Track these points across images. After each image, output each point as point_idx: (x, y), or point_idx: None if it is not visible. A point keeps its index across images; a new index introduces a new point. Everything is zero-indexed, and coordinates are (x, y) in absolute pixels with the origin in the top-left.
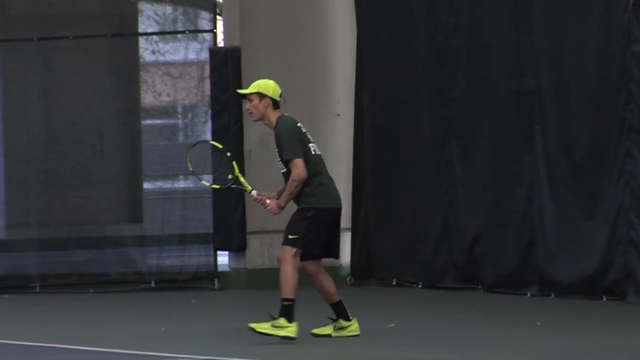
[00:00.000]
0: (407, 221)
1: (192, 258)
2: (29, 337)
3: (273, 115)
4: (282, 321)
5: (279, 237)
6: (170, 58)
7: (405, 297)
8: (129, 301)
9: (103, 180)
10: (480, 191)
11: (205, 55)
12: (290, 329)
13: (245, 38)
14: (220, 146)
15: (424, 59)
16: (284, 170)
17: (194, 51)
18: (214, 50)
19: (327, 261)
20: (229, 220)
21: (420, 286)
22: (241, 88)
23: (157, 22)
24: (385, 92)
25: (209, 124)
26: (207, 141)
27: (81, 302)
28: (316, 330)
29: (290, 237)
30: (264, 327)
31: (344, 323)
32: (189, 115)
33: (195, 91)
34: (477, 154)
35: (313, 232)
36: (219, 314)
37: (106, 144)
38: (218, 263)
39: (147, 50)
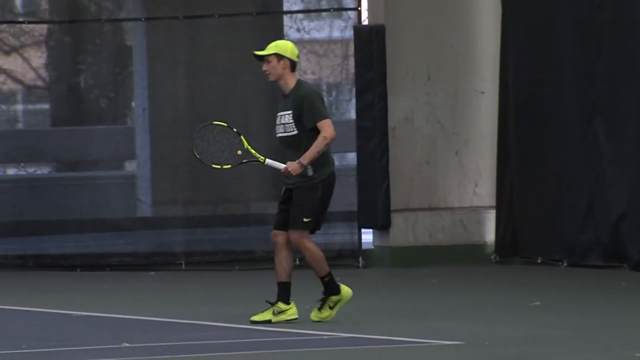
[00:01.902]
0: (552, 199)
1: (336, 236)
2: (175, 314)
3: (291, 78)
4: (334, 298)
5: (424, 215)
6: (315, 36)
7: (550, 275)
8: (273, 279)
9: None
10: (627, 168)
11: (349, 33)
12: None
13: (390, 16)
14: (224, 124)
15: (568, 35)
16: (289, 134)
17: (339, 29)
18: (359, 28)
19: (471, 239)
20: (373, 198)
21: (565, 264)
22: (385, 66)
23: (302, 0)
24: (529, 69)
25: (353, 101)
26: (210, 123)
27: (226, 280)
28: (255, 317)
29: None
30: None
31: (283, 306)
32: (334, 93)
33: (340, 69)
34: (624, 130)
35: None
36: (364, 291)
37: (251, 122)
38: (362, 241)
39: (291, 29)
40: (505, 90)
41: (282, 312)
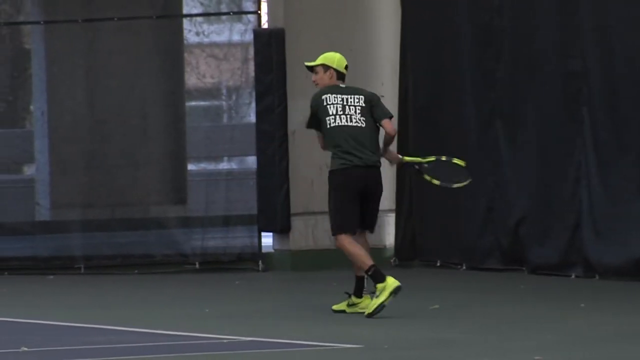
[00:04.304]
0: (452, 202)
1: (236, 239)
2: (73, 318)
3: None
4: (380, 286)
5: (323, 219)
6: (214, 39)
7: (449, 278)
8: (172, 282)
9: (147, 162)
10: (527, 172)
11: (249, 37)
12: (389, 284)
13: (289, 19)
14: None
15: (468, 40)
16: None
17: (238, 33)
18: (258, 32)
19: (371, 242)
20: (273, 202)
21: (464, 268)
22: (285, 70)
23: (201, 4)
24: (429, 74)
25: (253, 105)
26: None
27: (125, 284)
28: (335, 307)
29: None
30: (375, 302)
31: (355, 300)
32: (233, 97)
33: (240, 73)
34: (524, 135)
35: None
36: (263, 295)
37: (150, 126)
38: (262, 244)
39: (191, 32)
40: (405, 95)
41: (354, 304)
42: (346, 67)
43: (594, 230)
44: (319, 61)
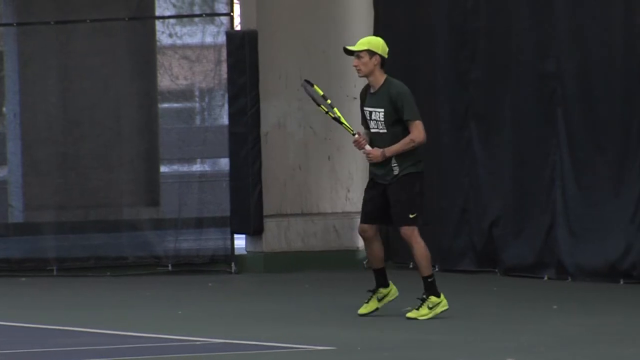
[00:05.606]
0: (426, 203)
1: (209, 241)
2: (46, 321)
3: (380, 75)
4: (434, 299)
5: (296, 220)
6: (187, 41)
7: (422, 280)
8: (145, 284)
9: (120, 163)
10: (501, 173)
11: (222, 39)
12: (444, 302)
13: (262, 21)
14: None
15: (442, 40)
16: (380, 131)
17: (211, 34)
18: (231, 34)
19: (344, 244)
20: (246, 204)
21: (437, 269)
22: (257, 72)
23: (174, 6)
24: (403, 75)
25: (226, 107)
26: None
27: (98, 286)
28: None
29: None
30: (424, 313)
31: (384, 290)
32: (206, 99)
33: (212, 74)
34: (498, 135)
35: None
36: (236, 297)
37: (124, 127)
38: (235, 246)
39: (164, 34)
40: None
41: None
42: (387, 53)
43: (567, 231)
44: (363, 46)
